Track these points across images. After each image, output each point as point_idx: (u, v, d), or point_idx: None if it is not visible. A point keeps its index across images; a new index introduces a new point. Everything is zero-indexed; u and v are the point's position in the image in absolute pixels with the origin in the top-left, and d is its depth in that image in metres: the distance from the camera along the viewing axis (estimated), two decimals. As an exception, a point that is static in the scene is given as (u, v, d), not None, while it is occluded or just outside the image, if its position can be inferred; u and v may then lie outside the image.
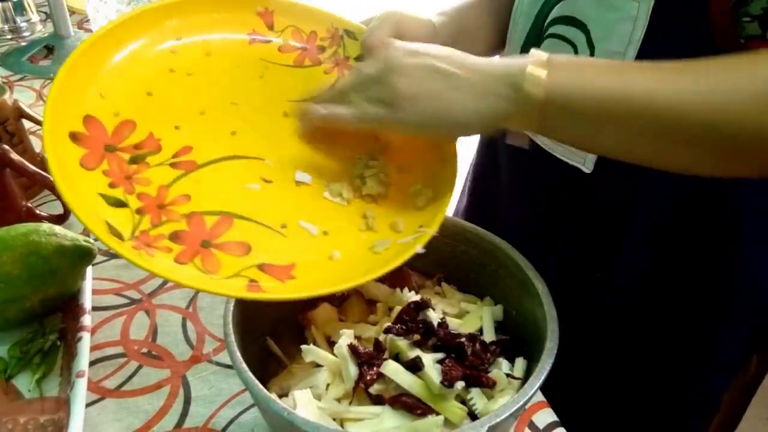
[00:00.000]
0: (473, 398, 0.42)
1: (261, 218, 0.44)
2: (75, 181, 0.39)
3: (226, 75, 0.51)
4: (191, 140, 0.46)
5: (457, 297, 0.52)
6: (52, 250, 0.53)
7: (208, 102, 0.49)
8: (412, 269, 0.54)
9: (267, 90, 0.52)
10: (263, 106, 0.50)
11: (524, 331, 0.47)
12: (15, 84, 1.00)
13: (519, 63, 0.42)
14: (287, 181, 0.47)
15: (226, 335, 0.41)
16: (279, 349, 0.49)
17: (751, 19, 0.44)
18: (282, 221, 0.45)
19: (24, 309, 0.54)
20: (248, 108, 0.50)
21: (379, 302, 0.52)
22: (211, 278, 0.39)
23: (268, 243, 0.43)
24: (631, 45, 0.48)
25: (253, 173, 0.46)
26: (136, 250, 0.38)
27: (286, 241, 0.44)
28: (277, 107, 0.51)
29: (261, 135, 0.49)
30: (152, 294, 0.62)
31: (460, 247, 0.52)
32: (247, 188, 0.45)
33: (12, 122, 0.71)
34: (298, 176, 0.47)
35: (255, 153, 0.47)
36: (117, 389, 0.52)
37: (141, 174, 0.43)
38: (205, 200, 0.43)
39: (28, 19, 1.16)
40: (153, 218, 0.41)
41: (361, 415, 0.42)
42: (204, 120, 0.48)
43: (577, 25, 0.53)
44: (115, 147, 0.43)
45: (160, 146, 0.45)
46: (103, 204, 0.40)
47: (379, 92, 0.44)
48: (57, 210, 0.67)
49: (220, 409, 0.51)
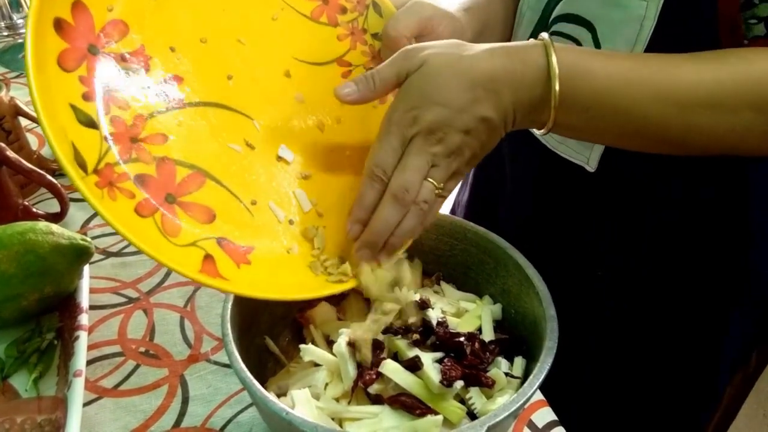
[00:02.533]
0: (472, 398, 0.42)
1: (234, 187, 0.41)
2: (50, 81, 0.35)
3: (240, 5, 0.46)
4: (184, 70, 0.42)
5: (456, 296, 0.52)
6: (49, 249, 0.53)
7: (213, 31, 0.44)
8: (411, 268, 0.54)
9: (276, 37, 0.48)
10: (267, 56, 0.47)
11: (523, 330, 0.47)
12: (11, 81, 0.99)
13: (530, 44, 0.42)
14: (269, 153, 0.44)
15: (224, 335, 0.41)
16: (277, 348, 0.49)
17: (757, 21, 0.44)
18: (253, 197, 0.42)
19: (21, 308, 0.53)
20: (252, 51, 0.46)
21: (377, 301, 0.51)
22: (167, 243, 0.36)
23: (234, 217, 0.41)
24: (637, 45, 0.48)
25: (239, 133, 0.43)
26: (99, 189, 0.34)
27: (252, 220, 0.42)
28: (281, 62, 0.48)
29: (257, 89, 0.46)
30: (150, 293, 0.61)
31: (460, 246, 0.52)
32: (229, 148, 0.42)
33: (8, 120, 0.71)
34: (281, 151, 0.45)
35: (246, 109, 0.44)
36: (114, 388, 0.52)
37: (121, 93, 0.38)
38: (182, 148, 0.40)
39: (25, 16, 1.15)
40: (122, 151, 0.37)
41: (359, 415, 0.41)
42: (203, 50, 0.43)
43: (583, 24, 0.52)
44: (99, 50, 0.38)
45: (149, 66, 0.40)
46: (73, 119, 0.35)
47: (456, 163, 0.43)
48: (54, 208, 0.67)
49: (218, 409, 0.51)
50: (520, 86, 0.42)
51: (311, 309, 0.51)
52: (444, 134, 0.41)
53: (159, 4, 0.42)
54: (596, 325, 0.62)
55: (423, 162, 0.42)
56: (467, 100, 0.41)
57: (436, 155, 0.42)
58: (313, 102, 0.48)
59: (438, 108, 0.41)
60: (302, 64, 0.48)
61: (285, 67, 0.48)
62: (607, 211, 0.57)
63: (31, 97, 0.33)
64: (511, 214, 0.67)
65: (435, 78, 0.41)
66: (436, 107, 0.41)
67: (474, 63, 0.42)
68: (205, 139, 0.41)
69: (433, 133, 0.41)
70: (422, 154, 0.42)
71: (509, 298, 0.49)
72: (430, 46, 0.43)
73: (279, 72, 0.47)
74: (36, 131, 0.85)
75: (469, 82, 0.41)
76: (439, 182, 0.42)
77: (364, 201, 0.43)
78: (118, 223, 0.34)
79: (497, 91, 0.42)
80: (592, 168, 0.55)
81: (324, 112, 0.49)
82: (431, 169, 0.42)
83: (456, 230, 0.52)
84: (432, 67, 0.42)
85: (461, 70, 0.41)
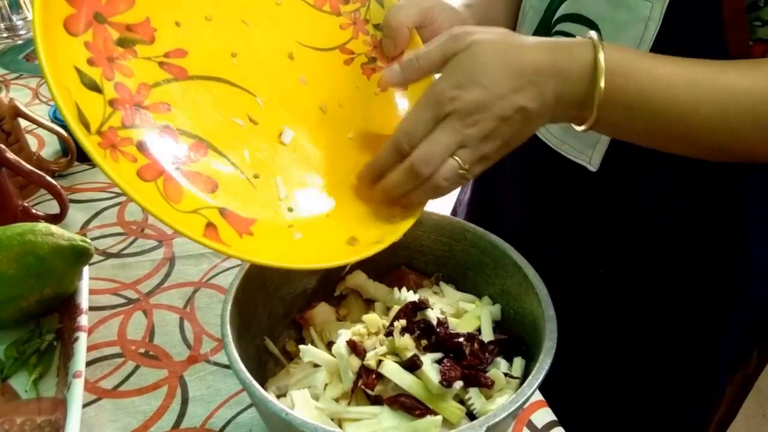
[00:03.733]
0: (471, 398, 0.42)
1: (237, 160, 0.42)
2: (56, 43, 0.36)
3: None
4: (188, 44, 0.43)
5: (456, 296, 0.52)
6: (49, 250, 0.53)
7: (218, 10, 0.45)
8: (410, 268, 0.54)
9: (280, 20, 0.49)
10: (271, 37, 0.48)
11: (522, 331, 0.47)
12: (11, 82, 0.99)
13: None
14: (272, 130, 0.45)
15: (224, 335, 0.41)
16: (277, 349, 0.49)
17: (761, 24, 0.44)
18: (256, 171, 0.43)
19: (20, 309, 0.53)
20: (256, 32, 0.47)
21: (377, 302, 0.52)
22: (170, 208, 0.36)
23: (236, 189, 0.41)
24: (642, 45, 0.48)
25: (242, 108, 0.44)
26: (102, 149, 0.35)
27: (255, 194, 0.42)
28: (285, 45, 0.49)
29: (261, 68, 0.46)
30: (150, 294, 0.61)
31: (459, 247, 0.52)
32: (232, 121, 0.43)
33: (8, 121, 0.71)
34: (285, 133, 0.46)
35: (249, 86, 0.45)
36: (114, 389, 0.52)
37: (125, 61, 0.39)
38: (185, 117, 0.40)
39: (24, 17, 1.15)
40: (125, 117, 0.38)
41: (359, 416, 0.41)
42: (208, 27, 0.44)
43: (587, 24, 0.52)
44: (105, 19, 0.39)
45: (154, 37, 0.41)
46: (77, 81, 0.36)
47: (462, 134, 0.42)
48: (53, 209, 0.67)
49: (218, 410, 0.51)
50: (565, 80, 0.42)
51: (311, 310, 0.51)
52: (481, 117, 0.41)
53: None
54: (596, 324, 0.62)
55: (452, 140, 0.41)
56: (510, 88, 0.41)
57: (468, 136, 0.41)
58: (316, 85, 0.49)
59: (479, 90, 0.41)
60: (305, 48, 0.49)
61: (288, 50, 0.48)
62: (607, 211, 0.57)
63: (38, 56, 0.34)
64: (512, 212, 0.67)
65: (482, 60, 0.41)
66: (478, 89, 0.41)
67: (522, 52, 0.42)
68: (209, 112, 0.42)
69: (470, 114, 0.41)
70: (454, 132, 0.41)
71: (508, 298, 0.49)
72: (479, 30, 0.43)
73: (283, 54, 0.48)
74: (35, 133, 0.85)
75: (514, 71, 0.41)
76: (465, 163, 0.42)
77: (378, 161, 0.44)
78: (120, 182, 0.34)
79: (540, 83, 0.41)
80: (594, 167, 0.55)
81: (326, 96, 0.49)
82: (460, 149, 0.42)
83: (455, 231, 0.52)
84: (480, 49, 0.42)
85: (509, 58, 0.41)
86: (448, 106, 0.41)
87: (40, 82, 1.00)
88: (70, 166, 0.77)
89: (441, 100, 0.41)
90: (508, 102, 0.41)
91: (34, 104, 0.93)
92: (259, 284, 0.47)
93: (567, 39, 0.43)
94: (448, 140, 0.41)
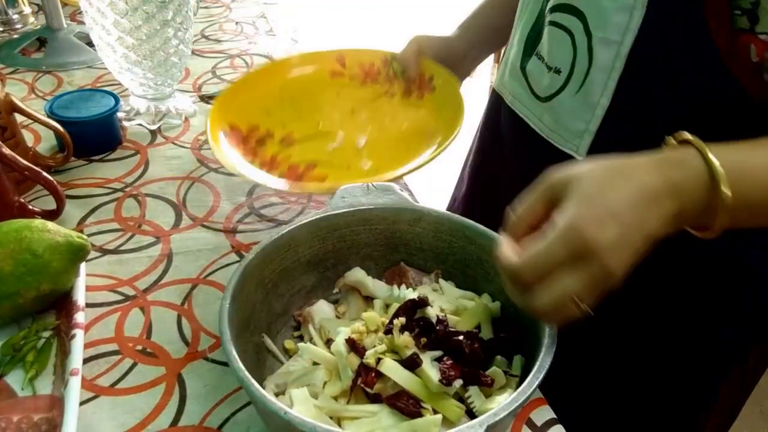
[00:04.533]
0: (471, 396, 0.42)
1: (334, 161, 0.73)
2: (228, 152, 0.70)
3: (315, 97, 0.82)
4: (292, 130, 0.77)
5: (455, 293, 0.52)
6: (45, 247, 0.53)
7: (303, 111, 0.80)
8: (410, 266, 0.54)
9: (341, 100, 0.82)
10: (338, 107, 0.81)
11: (522, 328, 0.46)
12: (7, 77, 0.99)
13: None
14: (352, 144, 0.76)
15: (222, 333, 0.41)
16: (275, 347, 0.49)
17: (741, 13, 0.44)
18: (347, 163, 0.72)
19: (17, 306, 0.53)
20: (329, 110, 0.80)
21: (376, 299, 0.51)
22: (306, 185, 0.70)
23: (337, 174, 0.70)
24: (628, 33, 0.49)
25: (329, 140, 0.76)
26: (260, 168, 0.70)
27: (349, 173, 0.71)
28: (347, 105, 0.81)
29: (336, 120, 0.79)
30: (147, 290, 0.61)
31: (458, 243, 0.52)
32: (326, 149, 0.75)
33: (4, 116, 0.70)
34: (359, 141, 0.76)
35: (331, 129, 0.77)
36: (111, 387, 0.52)
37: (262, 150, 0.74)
38: (299, 156, 0.73)
39: (20, 11, 1.14)
40: (268, 168, 0.71)
41: (358, 414, 0.41)
42: (300, 120, 0.79)
43: (574, 13, 0.53)
44: (249, 139, 0.75)
45: (273, 135, 0.76)
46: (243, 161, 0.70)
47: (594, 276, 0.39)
48: (50, 205, 0.66)
49: (216, 407, 0.50)
50: (682, 194, 0.40)
51: (309, 307, 0.51)
52: (615, 255, 0.38)
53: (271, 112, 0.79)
54: (596, 323, 0.62)
55: (581, 285, 0.38)
56: (639, 217, 0.39)
57: (599, 279, 0.39)
58: (371, 118, 0.81)
59: (614, 227, 0.38)
60: (364, 103, 0.82)
61: (351, 107, 0.81)
62: None
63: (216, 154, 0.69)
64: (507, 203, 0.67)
65: (609, 195, 0.39)
66: (612, 226, 0.38)
67: (636, 177, 0.39)
68: (311, 149, 0.75)
69: (605, 254, 0.38)
70: (585, 278, 0.38)
71: (507, 295, 0.49)
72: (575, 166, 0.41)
73: (347, 110, 0.81)
74: (32, 128, 0.85)
75: (637, 199, 0.39)
76: (583, 302, 0.39)
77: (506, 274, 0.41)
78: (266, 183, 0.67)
79: (661, 206, 0.39)
80: (581, 157, 0.56)
81: (379, 120, 0.80)
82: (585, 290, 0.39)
83: (454, 228, 0.52)
84: (592, 181, 0.39)
85: (629, 186, 0.39)
86: (583, 247, 0.38)
87: (36, 77, 0.99)
88: (67, 162, 0.76)
89: (577, 242, 0.38)
90: (639, 234, 0.39)
91: (30, 99, 0.93)
92: (258, 282, 0.47)
93: (671, 151, 0.42)
94: (577, 286, 0.38)
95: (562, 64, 0.56)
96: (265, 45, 1.14)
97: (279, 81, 0.82)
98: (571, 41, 0.54)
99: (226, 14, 1.27)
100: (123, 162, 0.80)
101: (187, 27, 0.83)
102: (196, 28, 1.18)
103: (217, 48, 1.12)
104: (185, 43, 0.84)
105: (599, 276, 0.38)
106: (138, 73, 0.83)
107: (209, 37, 1.16)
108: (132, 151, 0.82)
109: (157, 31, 0.79)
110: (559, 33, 0.55)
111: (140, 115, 0.88)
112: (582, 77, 0.54)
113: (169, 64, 0.83)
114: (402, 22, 3.97)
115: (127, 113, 0.88)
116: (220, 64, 1.06)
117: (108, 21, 0.77)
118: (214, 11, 1.28)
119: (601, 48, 0.52)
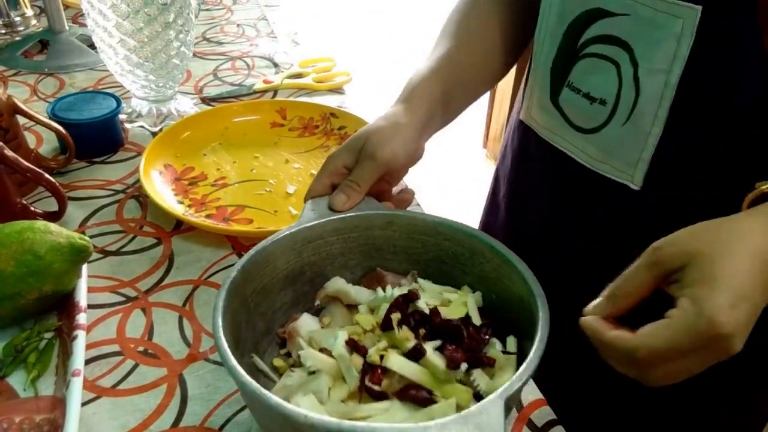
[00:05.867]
0: (476, 379, 0.42)
1: (262, 207, 0.74)
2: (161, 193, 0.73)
3: (253, 144, 0.86)
4: (225, 174, 0.80)
5: (436, 289, 0.52)
6: (47, 248, 0.53)
7: (239, 157, 0.83)
8: (386, 270, 0.54)
9: (277, 149, 0.86)
10: (273, 157, 0.84)
11: (508, 313, 0.47)
12: (9, 79, 0.99)
13: None
14: (282, 191, 0.78)
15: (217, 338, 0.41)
16: (266, 366, 0.48)
17: None
18: (275, 208, 0.74)
19: (19, 307, 0.53)
20: (265, 158, 0.83)
21: (360, 305, 0.51)
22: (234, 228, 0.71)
23: (264, 219, 0.72)
24: (676, 62, 0.48)
25: (261, 187, 0.78)
26: (189, 207, 0.73)
27: (275, 218, 0.73)
28: (282, 155, 0.84)
29: (269, 168, 0.82)
30: (148, 292, 0.61)
31: (432, 241, 0.52)
32: (256, 193, 0.77)
33: (6, 118, 0.70)
34: (289, 188, 0.78)
35: (264, 177, 0.80)
36: (113, 388, 0.52)
37: (193, 190, 0.77)
38: (229, 199, 0.75)
39: (23, 14, 1.15)
40: (197, 208, 0.73)
41: (370, 413, 0.41)
42: (235, 165, 0.82)
43: (619, 44, 0.52)
44: (181, 179, 0.78)
45: (206, 176, 0.79)
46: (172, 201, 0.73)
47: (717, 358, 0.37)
48: (52, 207, 0.67)
49: (217, 408, 0.51)
50: None
51: (293, 322, 0.50)
52: (741, 339, 0.36)
53: (207, 156, 0.84)
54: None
55: (701, 367, 0.37)
56: (763, 291, 0.37)
57: (718, 357, 0.37)
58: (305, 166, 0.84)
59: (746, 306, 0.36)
60: (297, 154, 0.86)
61: (285, 158, 0.84)
62: (647, 230, 0.57)
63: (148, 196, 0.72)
64: (552, 240, 0.66)
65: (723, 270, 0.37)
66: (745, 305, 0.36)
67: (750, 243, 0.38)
68: (242, 193, 0.77)
69: (733, 336, 0.36)
70: (709, 361, 0.37)
71: (488, 284, 0.49)
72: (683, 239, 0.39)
73: (282, 160, 0.84)
74: (34, 130, 0.85)
75: (756, 270, 0.37)
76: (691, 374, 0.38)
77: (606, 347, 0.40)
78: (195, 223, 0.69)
79: None
80: (638, 186, 0.55)
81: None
82: None
83: (428, 227, 0.52)
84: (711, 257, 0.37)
85: (744, 257, 0.37)
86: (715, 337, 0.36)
87: (39, 79, 0.99)
88: (69, 164, 0.76)
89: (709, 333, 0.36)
90: (763, 304, 0.38)
91: (32, 101, 0.93)
92: (241, 302, 0.47)
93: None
94: (698, 368, 0.37)
95: (606, 95, 0.54)
96: (266, 47, 1.14)
97: (221, 125, 0.87)
98: (617, 71, 0.53)
99: (228, 16, 1.27)
100: (125, 164, 0.80)
101: (189, 29, 0.83)
102: (198, 31, 1.19)
103: (219, 50, 1.12)
104: (187, 46, 0.84)
105: (722, 356, 0.37)
106: (140, 75, 0.83)
107: (210, 39, 1.17)
108: (134, 153, 0.82)
109: (159, 33, 0.79)
110: (603, 64, 0.54)
111: (142, 117, 0.88)
112: (629, 108, 0.53)
113: (170, 66, 0.84)
114: (402, 23, 3.98)
115: (128, 115, 0.88)
116: (222, 66, 1.07)
117: (110, 23, 0.77)
118: (215, 13, 1.28)
119: (647, 78, 0.51)
